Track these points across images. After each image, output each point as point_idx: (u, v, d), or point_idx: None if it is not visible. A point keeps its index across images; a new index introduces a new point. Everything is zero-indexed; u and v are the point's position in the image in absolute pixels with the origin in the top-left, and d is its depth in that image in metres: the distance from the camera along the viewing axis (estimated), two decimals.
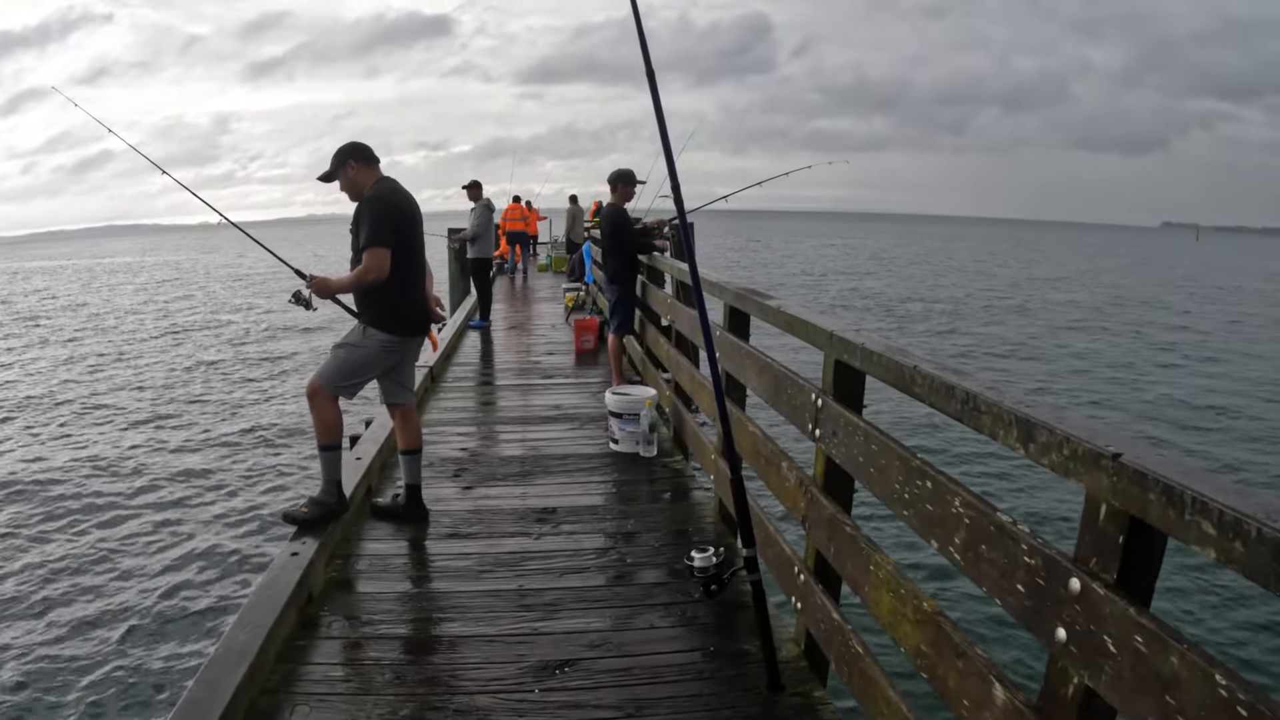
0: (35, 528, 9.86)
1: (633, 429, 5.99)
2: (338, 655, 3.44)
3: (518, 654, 3.36)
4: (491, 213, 13.11)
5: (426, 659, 3.40)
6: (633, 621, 3.64)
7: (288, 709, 3.01)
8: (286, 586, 3.65)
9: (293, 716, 2.98)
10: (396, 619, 3.74)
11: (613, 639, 3.47)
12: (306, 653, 3.42)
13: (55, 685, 6.43)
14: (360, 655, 3.44)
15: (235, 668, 3.02)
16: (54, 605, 7.80)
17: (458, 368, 9.88)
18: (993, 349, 22.30)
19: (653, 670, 3.23)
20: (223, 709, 2.78)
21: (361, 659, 3.41)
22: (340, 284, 4.45)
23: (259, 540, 9.16)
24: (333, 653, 3.45)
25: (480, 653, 3.39)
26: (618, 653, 3.36)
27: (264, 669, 3.20)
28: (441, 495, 5.23)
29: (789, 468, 3.44)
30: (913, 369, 2.36)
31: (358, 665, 3.36)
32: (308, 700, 3.07)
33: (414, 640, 3.57)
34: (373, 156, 4.56)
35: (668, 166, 3.05)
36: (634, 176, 7.49)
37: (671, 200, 3.20)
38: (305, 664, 3.33)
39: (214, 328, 28.53)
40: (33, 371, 20.53)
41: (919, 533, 2.32)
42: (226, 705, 2.80)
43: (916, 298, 35.16)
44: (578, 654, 3.35)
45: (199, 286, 46.37)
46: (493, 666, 3.28)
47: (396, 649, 3.48)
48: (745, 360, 4.10)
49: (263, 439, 13.59)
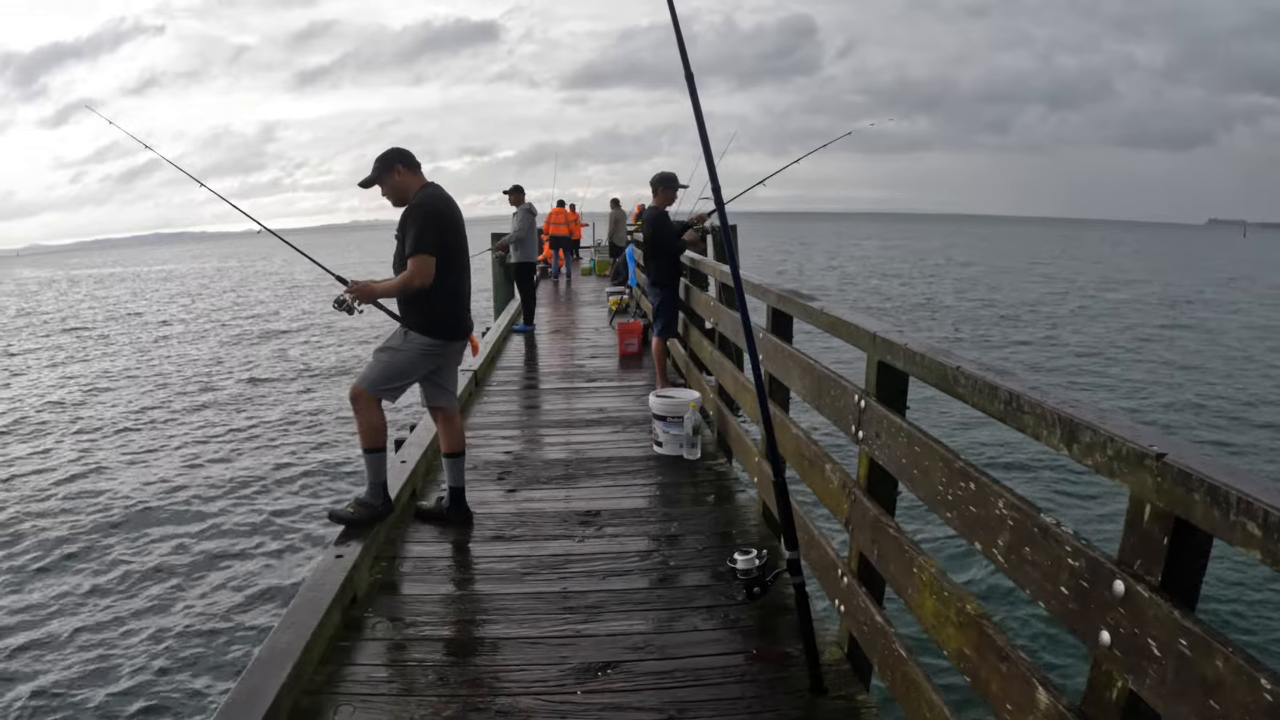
0: (80, 525, 10.10)
1: (676, 431, 5.99)
2: (381, 656, 3.48)
3: (560, 656, 3.37)
4: (534, 217, 13.18)
5: (469, 660, 3.42)
6: (675, 624, 3.64)
7: (331, 710, 3.05)
8: (331, 588, 3.70)
9: (336, 717, 3.01)
10: (440, 620, 3.77)
11: (655, 641, 3.48)
12: (350, 654, 3.46)
13: (100, 684, 6.55)
14: (404, 656, 3.47)
15: (279, 668, 3.06)
16: (100, 602, 7.97)
17: (502, 371, 9.94)
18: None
19: (695, 673, 3.23)
20: (266, 709, 2.82)
21: (405, 660, 3.44)
22: (384, 289, 4.50)
23: (304, 542, 9.28)
24: (376, 654, 3.49)
25: (523, 655, 3.41)
26: (660, 655, 3.37)
27: (308, 670, 3.24)
28: (486, 498, 5.28)
29: (832, 470, 3.42)
30: (956, 369, 2.35)
31: (401, 666, 3.40)
32: (351, 701, 3.11)
33: (457, 642, 3.60)
34: (417, 162, 4.61)
35: (708, 168, 3.05)
36: (676, 180, 7.50)
37: (712, 201, 3.20)
38: (349, 665, 3.38)
39: (260, 332, 28.95)
40: (80, 375, 20.94)
41: (962, 535, 2.31)
42: (270, 706, 2.85)
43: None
44: (620, 656, 3.36)
45: (245, 293, 47.03)
46: (535, 668, 3.30)
47: (440, 650, 3.51)
48: (788, 362, 4.09)
49: (309, 442, 13.76)
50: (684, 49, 2.79)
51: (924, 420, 2.83)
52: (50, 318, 37.97)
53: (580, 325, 14.00)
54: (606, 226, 23.26)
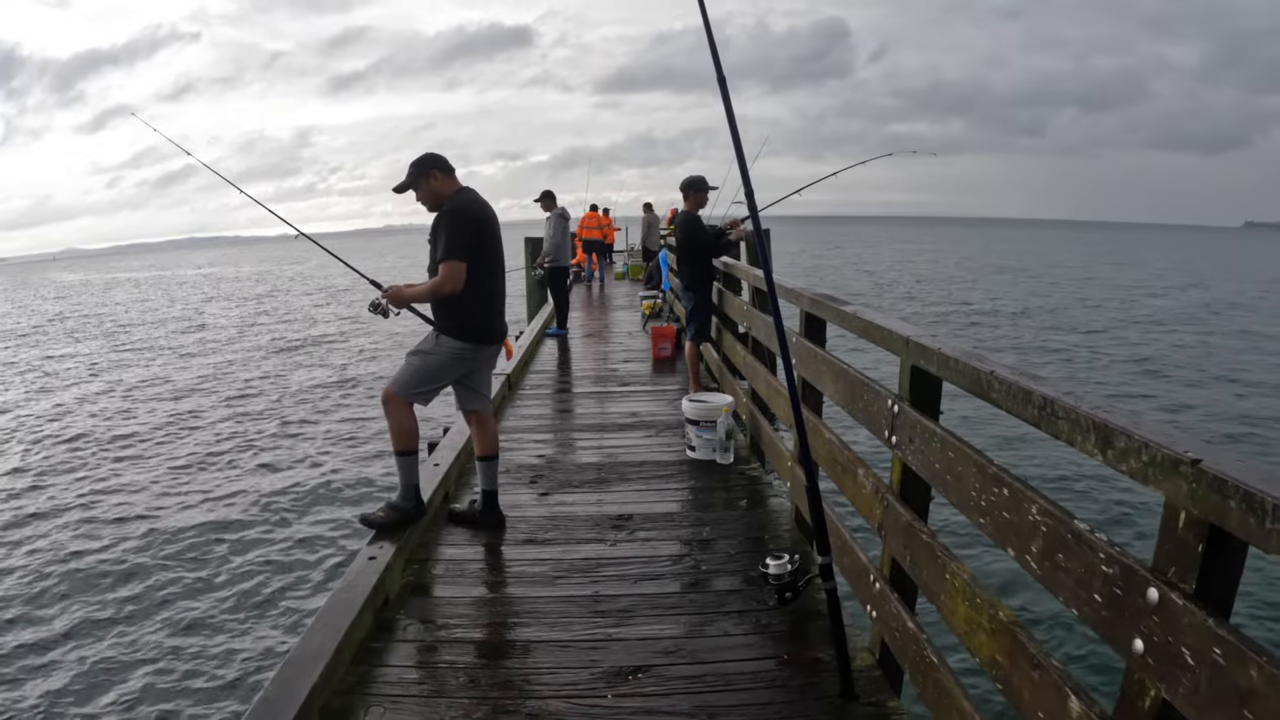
0: (113, 527, 10.23)
1: (709, 436, 5.98)
2: (412, 658, 3.50)
3: (591, 659, 3.38)
4: (566, 221, 13.22)
5: (500, 663, 3.43)
6: (706, 628, 3.64)
7: (362, 710, 3.08)
8: (363, 590, 3.73)
9: (366, 717, 3.04)
10: (471, 623, 3.79)
11: (686, 645, 3.48)
12: (381, 655, 3.49)
13: (131, 681, 6.62)
14: (434, 658, 3.49)
15: (310, 668, 3.09)
16: (134, 602, 8.06)
17: (535, 375, 9.98)
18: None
19: (725, 677, 3.22)
20: (297, 709, 2.85)
21: (436, 662, 3.46)
22: (415, 294, 4.54)
23: (337, 544, 9.34)
24: (407, 655, 3.52)
25: (554, 658, 3.42)
26: (691, 659, 3.36)
27: (339, 670, 3.27)
28: (518, 501, 5.30)
29: (865, 475, 3.41)
30: (989, 374, 2.33)
31: (432, 668, 3.42)
32: (381, 702, 3.13)
33: (488, 644, 3.61)
34: (451, 167, 4.64)
35: (741, 173, 3.05)
36: (705, 183, 7.51)
37: (745, 206, 3.19)
38: (380, 666, 3.40)
39: (295, 335, 29.19)
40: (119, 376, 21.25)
41: (995, 540, 2.29)
42: (301, 705, 2.87)
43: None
44: (651, 660, 3.36)
45: (282, 297, 47.47)
46: (566, 671, 3.30)
47: (470, 653, 3.52)
48: (821, 366, 4.08)
49: (344, 444, 13.86)
50: (716, 53, 2.80)
51: (957, 425, 2.81)
52: (88, 321, 38.56)
53: (613, 329, 14.02)
54: (639, 231, 23.26)
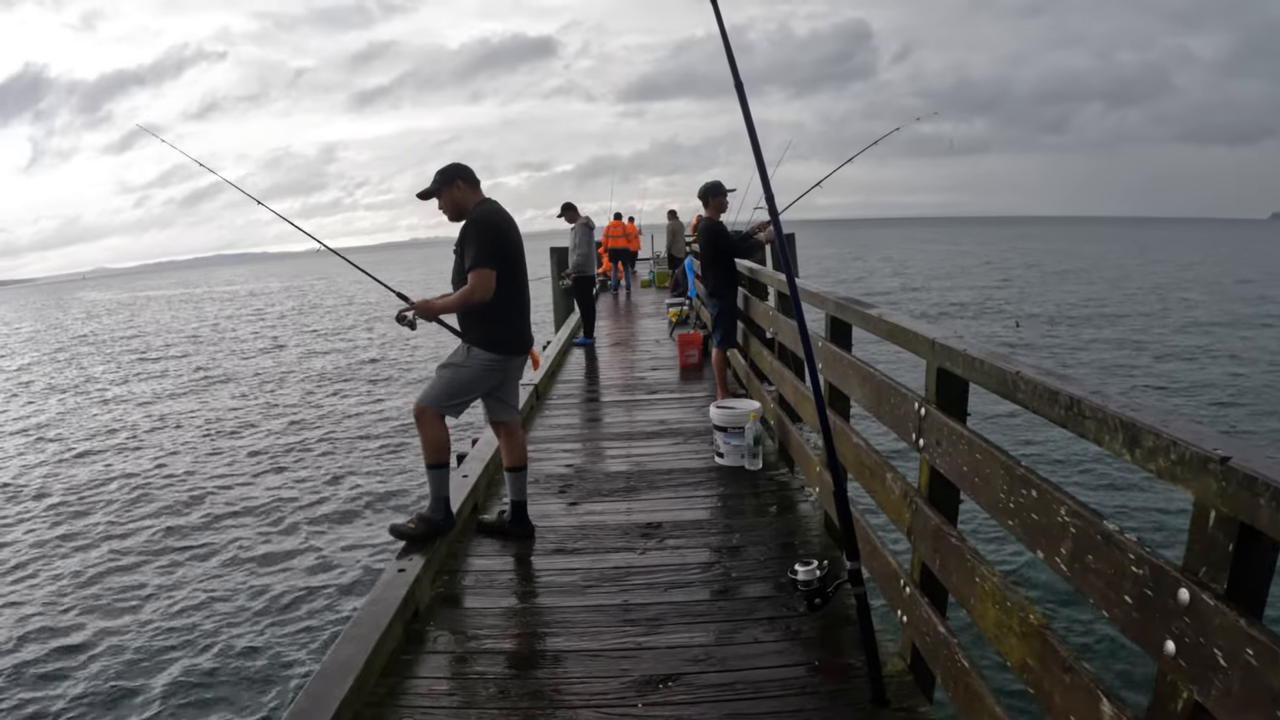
0: (146, 538, 10.37)
1: (737, 442, 5.97)
2: (442, 669, 3.52)
3: (621, 669, 3.38)
4: (591, 231, 13.26)
5: (530, 673, 3.43)
6: (736, 636, 3.62)
7: None
8: (393, 601, 3.75)
9: None
10: (501, 634, 3.80)
11: (716, 653, 3.46)
12: (411, 666, 3.51)
13: (162, 693, 6.66)
14: (464, 669, 3.50)
15: (341, 681, 3.11)
16: (163, 615, 8.12)
17: (563, 385, 10.00)
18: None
19: (755, 685, 3.21)
20: None
21: (466, 673, 3.47)
22: (445, 305, 4.56)
23: (367, 556, 9.37)
24: (437, 667, 3.53)
25: (584, 667, 3.42)
26: (721, 667, 3.35)
27: (369, 682, 3.29)
28: (547, 511, 5.30)
29: (893, 478, 3.38)
30: (1015, 375, 2.31)
31: (462, 679, 3.43)
32: (412, 713, 3.15)
33: (518, 655, 3.62)
34: (476, 178, 4.67)
35: (761, 179, 3.04)
36: (723, 187, 7.53)
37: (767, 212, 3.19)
38: (410, 678, 3.42)
39: (325, 348, 29.42)
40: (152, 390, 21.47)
41: (1024, 543, 2.26)
42: (331, 718, 2.89)
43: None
44: (681, 669, 3.35)
45: (312, 312, 47.82)
46: (596, 681, 3.30)
47: (501, 663, 3.53)
48: (848, 370, 4.06)
49: (373, 456, 13.94)
50: (733, 59, 2.79)
51: (985, 428, 2.78)
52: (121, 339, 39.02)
53: (640, 337, 14.02)
54: (664, 238, 23.28)
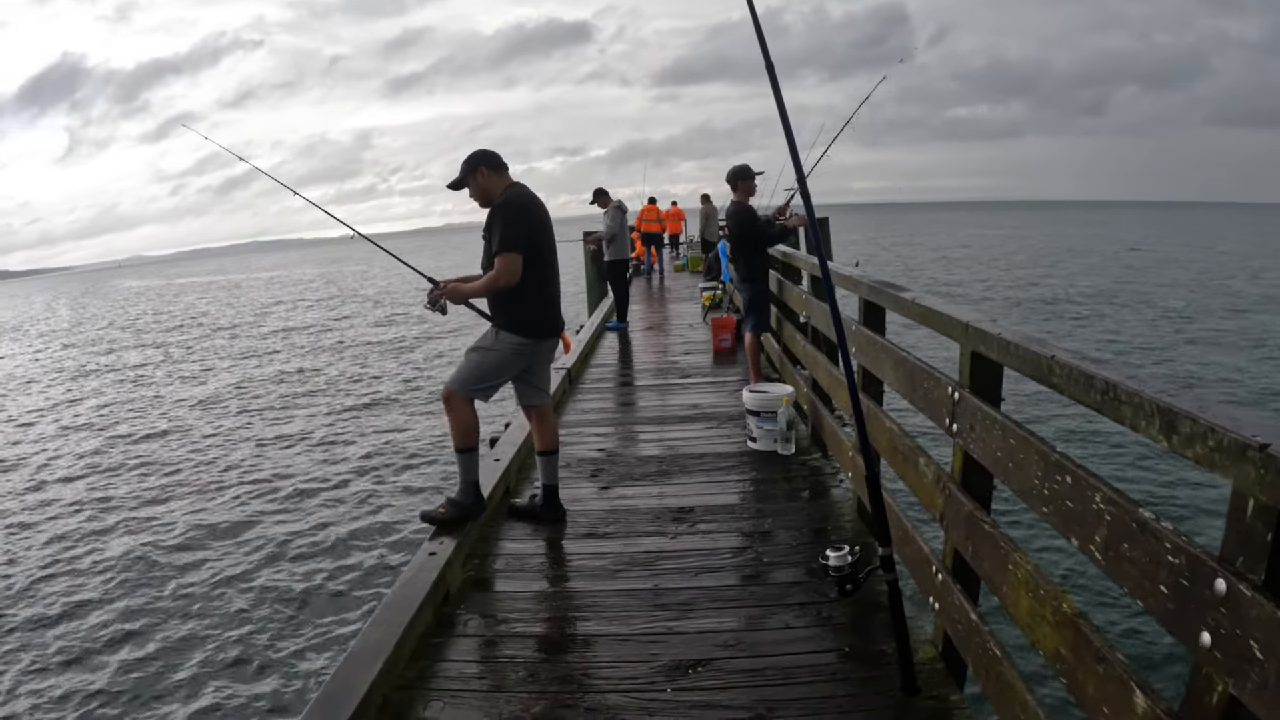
0: (178, 520, 10.55)
1: (770, 427, 5.93)
2: (472, 653, 3.53)
3: (651, 653, 3.37)
4: (624, 214, 13.27)
5: (560, 657, 3.44)
6: (767, 621, 3.61)
7: (422, 705, 3.10)
8: (424, 585, 3.76)
9: (426, 712, 3.06)
10: (531, 617, 3.81)
11: (746, 639, 3.45)
12: (442, 650, 3.52)
13: (191, 673, 6.78)
14: (494, 653, 3.52)
15: (371, 664, 3.12)
16: (195, 597, 8.25)
17: (596, 369, 10.00)
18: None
19: (785, 671, 3.19)
20: (357, 703, 2.88)
21: (496, 656, 3.49)
22: (473, 289, 4.56)
23: (398, 540, 9.47)
24: (467, 650, 3.54)
25: (613, 651, 3.42)
26: (751, 653, 3.34)
27: (399, 665, 3.30)
28: (579, 495, 5.30)
29: (926, 464, 3.34)
30: (1050, 359, 2.27)
31: (492, 663, 3.44)
32: (441, 696, 3.16)
33: (548, 639, 3.62)
34: (502, 163, 4.64)
35: (794, 162, 3.00)
36: (751, 170, 7.47)
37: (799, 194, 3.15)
38: (440, 661, 3.43)
39: (357, 334, 29.65)
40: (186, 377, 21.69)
41: (1058, 530, 2.23)
42: (361, 700, 2.90)
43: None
44: (711, 654, 3.34)
45: (346, 298, 48.16)
46: (625, 665, 3.30)
47: (531, 647, 3.54)
48: (881, 354, 4.02)
49: (403, 441, 14.04)
50: (763, 40, 2.76)
51: (1019, 412, 2.73)
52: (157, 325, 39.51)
53: (673, 321, 13.99)
54: (698, 222, 23.21)
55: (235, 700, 6.41)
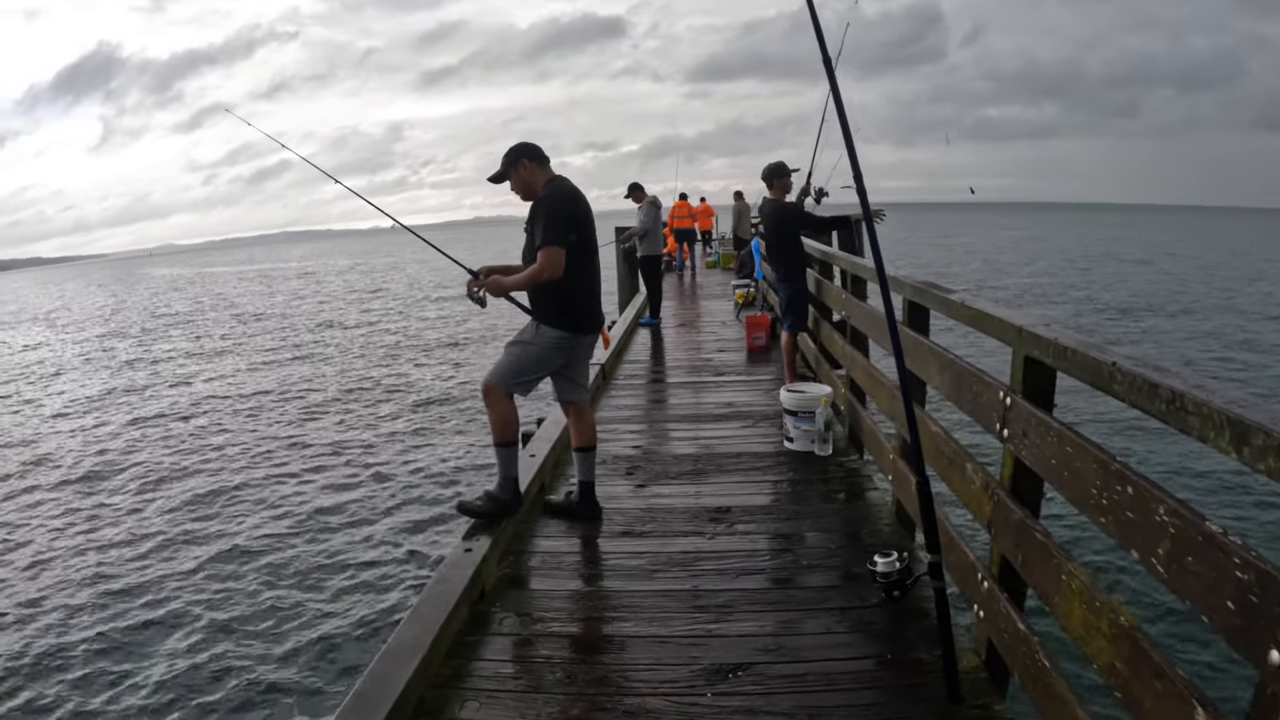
0: (214, 513, 10.50)
1: (808, 427, 5.88)
2: (508, 652, 3.51)
3: (690, 656, 3.33)
4: (658, 210, 13.25)
5: (597, 658, 3.41)
6: (807, 625, 3.57)
7: (457, 704, 3.09)
8: (460, 582, 3.75)
9: (462, 711, 3.04)
10: (568, 617, 3.79)
11: (787, 644, 3.41)
12: (477, 648, 3.50)
13: (223, 670, 6.69)
14: (530, 652, 3.49)
15: (407, 661, 3.11)
16: (231, 589, 8.20)
17: (629, 365, 9.99)
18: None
19: (827, 677, 3.15)
20: (393, 702, 2.87)
21: (531, 656, 3.46)
22: (514, 282, 4.54)
23: (433, 535, 9.43)
24: (503, 649, 3.52)
25: (652, 654, 3.38)
26: (792, 658, 3.30)
27: (434, 663, 3.28)
28: (614, 493, 5.27)
29: (974, 469, 3.29)
30: (1112, 366, 2.22)
31: (528, 663, 3.41)
32: (477, 696, 3.13)
33: (585, 639, 3.60)
34: (544, 156, 4.63)
35: (850, 158, 2.95)
36: (786, 168, 7.51)
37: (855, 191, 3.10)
38: (475, 659, 3.41)
39: (392, 324, 29.74)
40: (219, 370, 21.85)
41: (1117, 541, 2.18)
42: (397, 699, 2.89)
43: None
44: (751, 658, 3.30)
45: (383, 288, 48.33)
46: (664, 668, 3.26)
47: (567, 647, 3.51)
48: (926, 356, 3.96)
49: (443, 434, 14.04)
50: (821, 37, 2.73)
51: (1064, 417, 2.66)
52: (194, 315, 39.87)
53: (706, 318, 13.95)
54: (730, 219, 23.14)
55: (264, 691, 6.39)
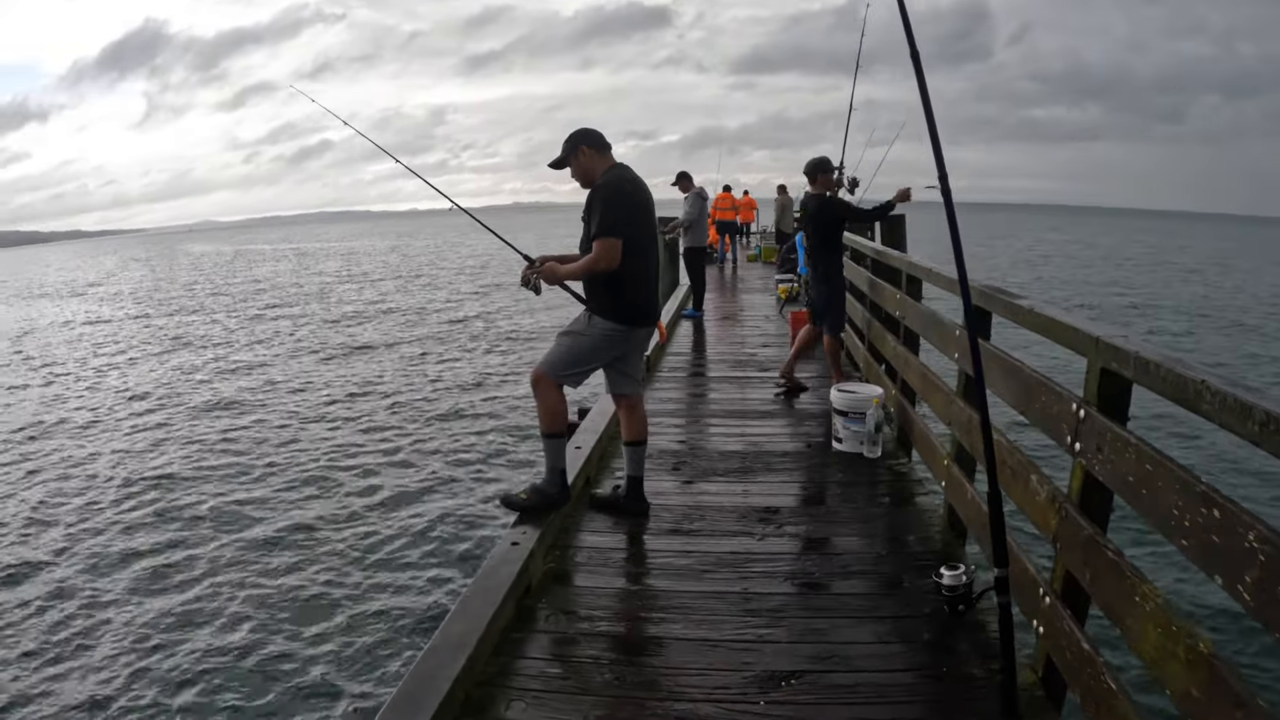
0: (255, 504, 10.38)
1: (858, 428, 5.79)
2: (554, 650, 3.45)
3: (743, 662, 3.26)
4: (705, 201, 13.17)
5: (645, 660, 3.35)
6: (859, 634, 3.48)
7: (503, 702, 3.04)
8: (506, 577, 3.69)
9: (509, 711, 2.99)
10: (615, 616, 3.73)
11: (840, 652, 3.33)
12: (522, 646, 3.44)
13: (262, 665, 6.58)
14: (577, 652, 3.43)
15: (453, 659, 3.06)
16: (272, 582, 8.07)
17: (672, 358, 9.91)
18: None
19: (879, 689, 3.07)
20: (440, 700, 2.83)
21: (579, 656, 3.40)
22: (569, 271, 4.49)
23: (478, 527, 9.32)
24: (549, 647, 3.47)
25: (703, 658, 3.31)
26: (845, 667, 3.22)
27: (480, 660, 3.23)
28: (660, 489, 5.19)
29: (1039, 480, 3.19)
30: (1200, 383, 2.12)
31: (575, 663, 3.35)
32: (523, 696, 3.08)
33: (632, 640, 3.54)
34: (605, 143, 4.56)
35: (934, 153, 2.85)
36: (830, 163, 7.52)
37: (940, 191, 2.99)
38: (521, 658, 3.35)
39: (438, 309, 29.68)
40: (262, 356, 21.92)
41: (1199, 565, 2.10)
42: (444, 697, 2.85)
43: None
44: (804, 666, 3.22)
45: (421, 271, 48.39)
46: (715, 674, 3.18)
47: (614, 647, 3.46)
48: (990, 362, 3.84)
49: (489, 423, 13.90)
50: (909, 29, 2.65)
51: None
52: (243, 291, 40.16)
53: (748, 312, 13.86)
54: (773, 213, 22.99)
55: (306, 682, 6.30)
